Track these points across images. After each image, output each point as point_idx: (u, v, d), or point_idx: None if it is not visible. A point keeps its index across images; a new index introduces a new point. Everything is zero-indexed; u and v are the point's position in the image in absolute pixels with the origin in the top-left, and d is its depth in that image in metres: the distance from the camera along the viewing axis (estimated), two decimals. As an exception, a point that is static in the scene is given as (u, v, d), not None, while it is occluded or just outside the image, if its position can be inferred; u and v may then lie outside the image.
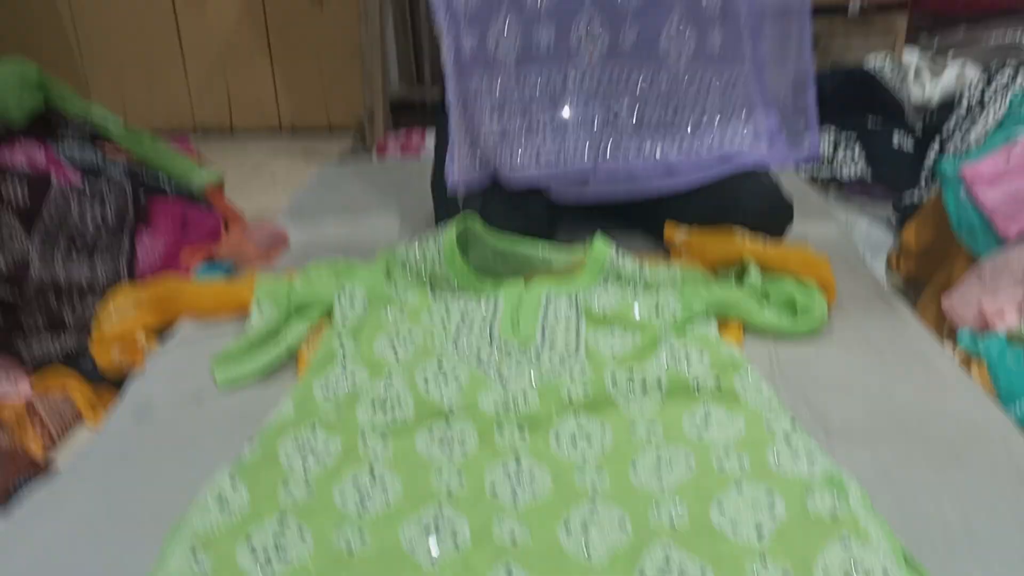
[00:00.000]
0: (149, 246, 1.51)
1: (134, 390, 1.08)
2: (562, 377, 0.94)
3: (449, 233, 1.13)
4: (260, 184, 2.50)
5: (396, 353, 1.02)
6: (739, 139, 1.24)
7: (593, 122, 1.19)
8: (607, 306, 1.05)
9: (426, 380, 0.95)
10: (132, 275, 1.47)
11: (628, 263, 1.13)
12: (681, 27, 1.18)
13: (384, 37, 2.72)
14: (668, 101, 1.21)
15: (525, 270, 1.16)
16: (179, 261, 1.50)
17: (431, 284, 1.14)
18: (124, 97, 3.13)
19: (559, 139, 1.19)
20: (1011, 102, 1.65)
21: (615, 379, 0.93)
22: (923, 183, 1.91)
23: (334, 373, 1.00)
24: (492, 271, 1.15)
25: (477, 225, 1.15)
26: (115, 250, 1.48)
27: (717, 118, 1.23)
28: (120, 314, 1.35)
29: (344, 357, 1.02)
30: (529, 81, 1.18)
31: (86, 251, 1.45)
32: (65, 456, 1.32)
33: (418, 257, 1.15)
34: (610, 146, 1.21)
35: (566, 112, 1.18)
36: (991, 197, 1.37)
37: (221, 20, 3.00)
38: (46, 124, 1.61)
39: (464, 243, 1.16)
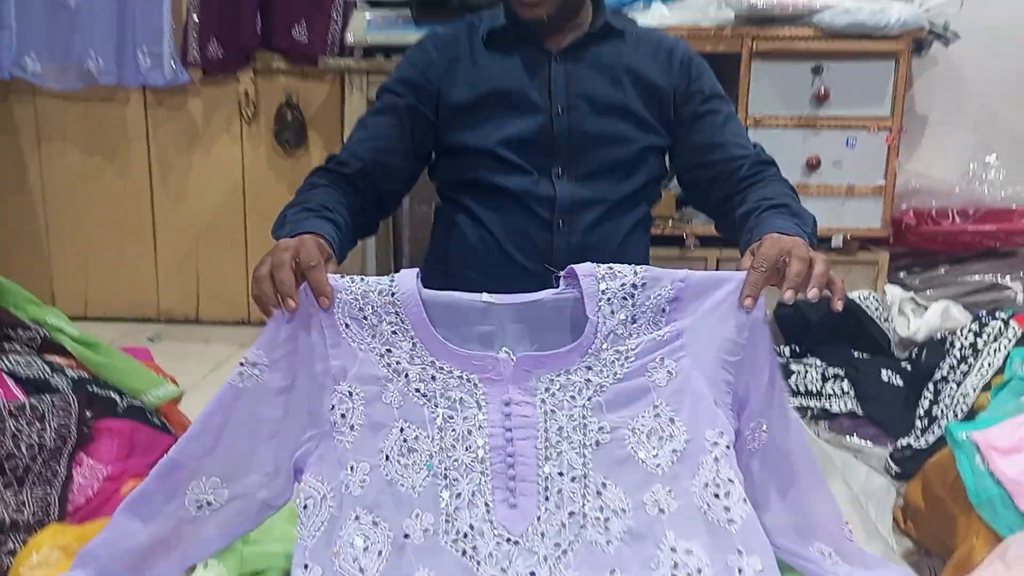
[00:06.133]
0: (88, 474, 1.36)
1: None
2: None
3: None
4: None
5: None
6: None
7: None
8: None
9: None
10: (63, 510, 1.31)
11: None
12: None
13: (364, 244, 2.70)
14: None
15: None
16: (119, 494, 1.34)
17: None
18: (88, 281, 3.04)
19: None
20: (1011, 361, 1.61)
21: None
22: (919, 430, 1.84)
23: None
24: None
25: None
26: (49, 479, 1.32)
27: None
28: (44, 562, 1.18)
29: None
30: None
31: (15, 481, 1.29)
32: None
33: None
34: None
35: None
36: (1009, 470, 1.29)
37: (199, 210, 2.97)
38: (-7, 331, 1.49)
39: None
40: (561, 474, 0.94)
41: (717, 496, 0.92)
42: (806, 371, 2.14)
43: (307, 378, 0.96)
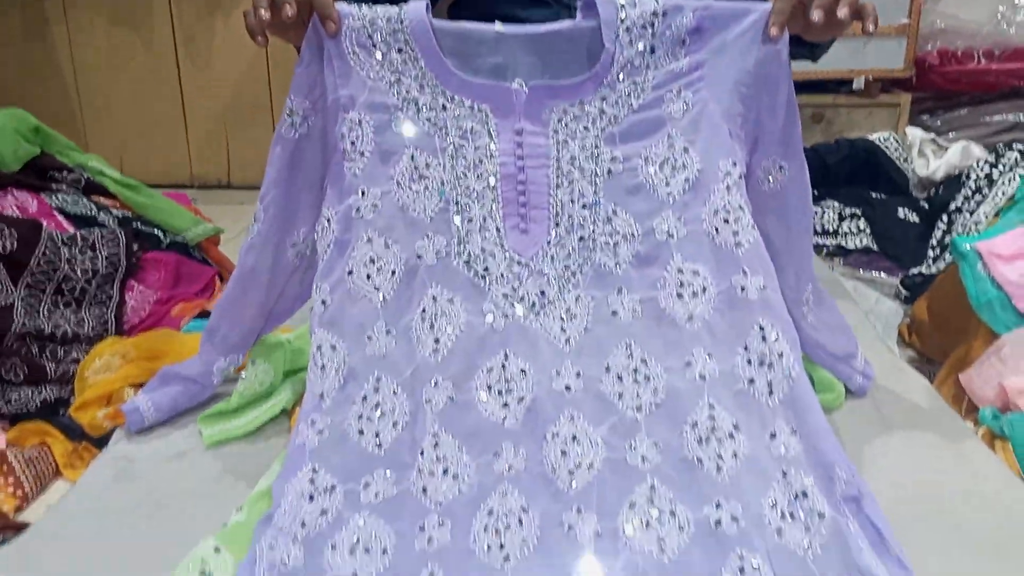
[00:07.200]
0: (139, 298, 1.47)
1: (116, 445, 1.05)
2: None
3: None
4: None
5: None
6: None
7: None
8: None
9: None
10: (120, 327, 1.42)
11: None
12: None
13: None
14: None
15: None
16: (170, 315, 1.45)
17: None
18: (122, 151, 3.12)
19: None
20: (1022, 185, 1.64)
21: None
22: (930, 258, 1.89)
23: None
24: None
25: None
26: (104, 300, 1.43)
27: None
28: (105, 367, 1.29)
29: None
30: None
31: (74, 301, 1.40)
32: (38, 513, 1.25)
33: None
34: None
35: None
36: (1010, 273, 1.35)
37: (225, 77, 3.02)
38: (41, 173, 1.58)
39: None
40: (572, 201, 0.95)
41: (727, 221, 0.93)
42: (823, 212, 2.17)
43: (325, 111, 0.97)
